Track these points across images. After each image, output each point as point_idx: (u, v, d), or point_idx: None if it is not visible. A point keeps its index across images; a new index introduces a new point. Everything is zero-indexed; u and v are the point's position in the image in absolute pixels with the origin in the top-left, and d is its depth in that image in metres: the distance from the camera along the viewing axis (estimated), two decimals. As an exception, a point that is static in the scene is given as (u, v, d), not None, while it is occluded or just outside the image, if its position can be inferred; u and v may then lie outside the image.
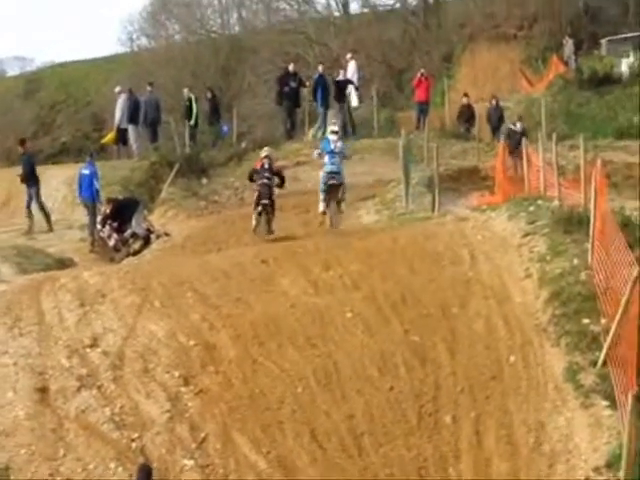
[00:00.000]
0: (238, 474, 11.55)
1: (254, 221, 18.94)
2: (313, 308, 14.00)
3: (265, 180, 18.87)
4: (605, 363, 11.97)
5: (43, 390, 12.81)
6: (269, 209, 18.85)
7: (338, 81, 29.20)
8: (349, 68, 31.22)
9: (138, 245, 20.92)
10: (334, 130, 19.13)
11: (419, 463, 11.55)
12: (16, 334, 13.99)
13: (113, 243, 20.81)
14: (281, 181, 19.28)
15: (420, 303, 13.93)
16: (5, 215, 25.22)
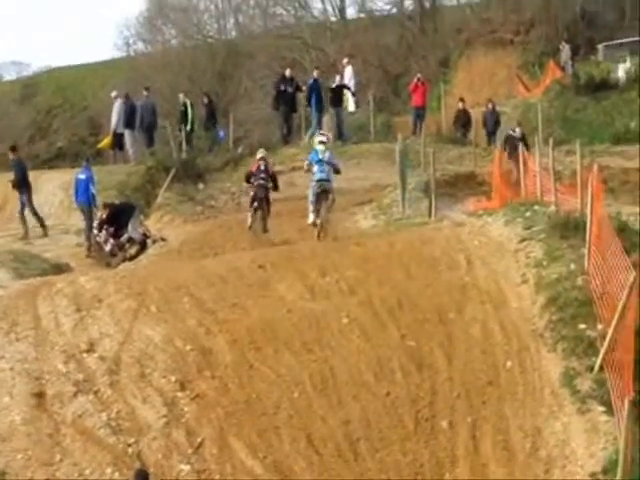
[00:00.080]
0: (234, 479, 11.54)
1: (249, 218, 19.07)
2: (309, 313, 13.98)
3: (261, 181, 19.06)
4: (602, 368, 11.95)
5: (39, 395, 12.76)
6: (264, 206, 18.91)
7: (334, 88, 29.19)
8: (346, 73, 31.29)
9: (134, 250, 20.90)
10: (322, 140, 18.67)
11: (415, 468, 11.54)
12: (12, 339, 13.94)
13: (109, 248, 20.80)
14: (274, 184, 19.35)
15: (417, 308, 13.92)
16: (1, 220, 25.15)
